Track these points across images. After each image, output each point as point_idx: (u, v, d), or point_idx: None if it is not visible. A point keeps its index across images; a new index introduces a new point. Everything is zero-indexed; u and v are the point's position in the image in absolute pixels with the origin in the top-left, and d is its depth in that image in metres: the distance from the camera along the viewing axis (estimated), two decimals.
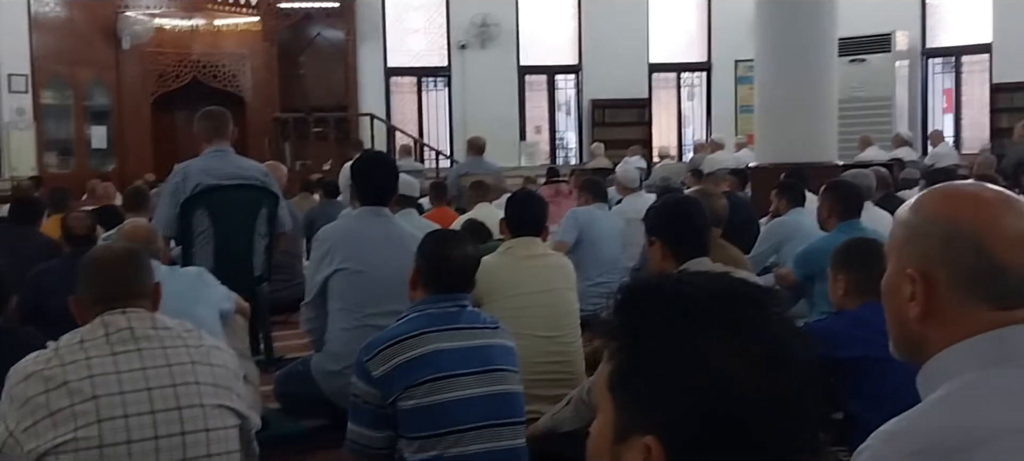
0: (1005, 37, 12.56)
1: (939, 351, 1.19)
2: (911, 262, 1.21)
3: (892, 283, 1.25)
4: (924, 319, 1.20)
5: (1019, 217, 1.19)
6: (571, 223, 5.38)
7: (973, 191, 1.25)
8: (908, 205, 1.28)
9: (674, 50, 14.77)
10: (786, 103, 8.09)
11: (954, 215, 1.20)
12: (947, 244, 1.18)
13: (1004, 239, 1.17)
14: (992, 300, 1.17)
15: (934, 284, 1.19)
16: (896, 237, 1.26)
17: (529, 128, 14.53)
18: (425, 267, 2.72)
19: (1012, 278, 1.17)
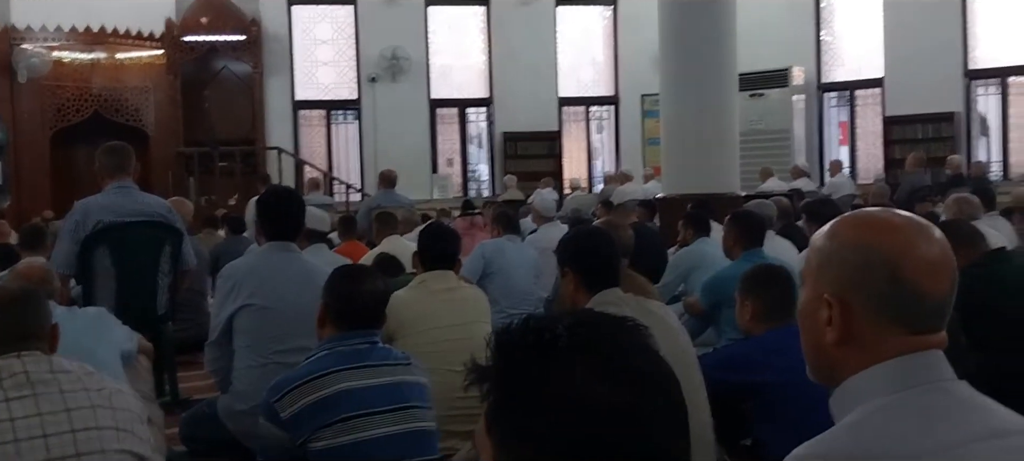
0: (896, 72, 13.15)
1: (854, 375, 1.20)
2: (828, 287, 1.22)
3: (809, 308, 1.26)
4: (840, 344, 1.21)
5: (931, 243, 1.21)
6: (476, 258, 5.37)
7: (887, 217, 1.26)
8: (823, 231, 1.29)
9: (583, 84, 15.02)
10: (691, 136, 8.29)
11: (869, 241, 1.21)
12: (863, 270, 1.20)
13: (918, 265, 1.19)
14: (906, 325, 1.19)
15: (851, 309, 1.20)
16: (812, 262, 1.27)
17: (441, 161, 14.53)
18: (333, 304, 2.68)
19: (925, 303, 1.19)
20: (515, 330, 0.96)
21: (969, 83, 12.91)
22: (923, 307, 1.19)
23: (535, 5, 14.27)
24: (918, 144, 12.53)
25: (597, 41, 15.07)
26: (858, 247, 1.21)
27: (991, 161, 12.75)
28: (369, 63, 13.86)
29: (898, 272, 1.18)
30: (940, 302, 1.20)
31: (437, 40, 14.44)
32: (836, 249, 1.24)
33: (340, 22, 14.15)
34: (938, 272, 1.20)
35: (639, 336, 0.95)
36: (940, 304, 1.20)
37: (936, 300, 1.20)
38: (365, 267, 3.69)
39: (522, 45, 14.11)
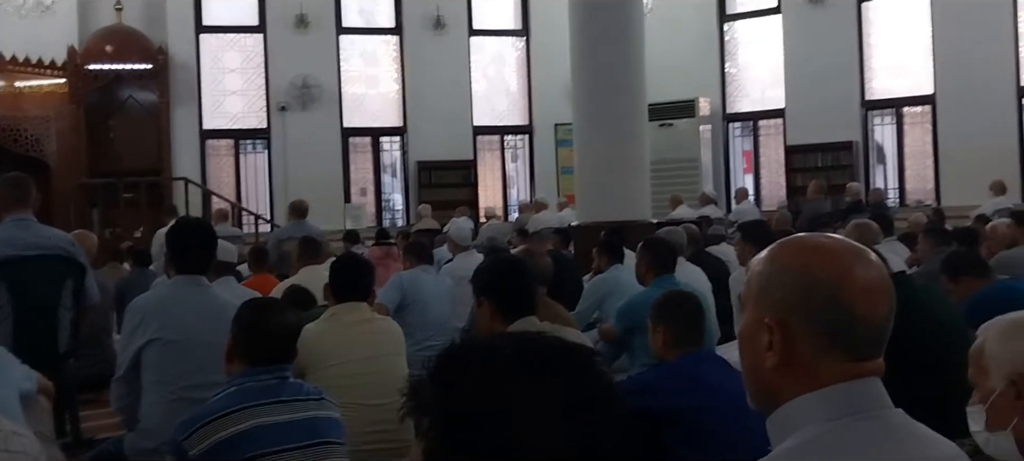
0: (796, 103, 13.62)
1: (792, 400, 1.19)
2: (769, 311, 1.21)
3: (749, 332, 1.24)
4: (780, 368, 1.19)
5: (868, 267, 1.22)
6: (394, 287, 5.34)
7: (827, 242, 1.26)
8: (763, 256, 1.28)
9: (497, 113, 15.11)
10: (603, 165, 8.43)
11: (811, 265, 1.20)
12: (805, 294, 1.19)
13: (857, 289, 1.19)
14: (846, 350, 1.18)
15: (791, 333, 1.19)
16: (752, 287, 1.25)
17: (354, 190, 14.40)
18: (242, 338, 2.63)
19: (864, 329, 1.19)
20: (459, 353, 0.93)
21: (866, 113, 13.45)
22: (862, 332, 1.19)
23: (448, 35, 14.32)
24: (818, 172, 12.98)
25: (511, 71, 15.20)
26: (799, 271, 1.21)
27: (888, 188, 13.26)
28: (279, 92, 13.68)
29: (839, 296, 1.18)
30: (879, 327, 1.21)
31: (349, 68, 14.34)
32: (777, 273, 1.23)
33: (249, 50, 13.95)
34: (877, 296, 1.21)
35: (594, 363, 0.93)
36: (879, 329, 1.21)
37: (875, 325, 1.20)
38: (275, 300, 3.63)
39: (436, 74, 14.13)
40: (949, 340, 3.39)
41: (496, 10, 15.09)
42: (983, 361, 1.85)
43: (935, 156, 12.94)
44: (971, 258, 4.43)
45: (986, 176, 11.12)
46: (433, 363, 0.93)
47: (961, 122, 12.36)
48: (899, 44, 13.31)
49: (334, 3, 13.59)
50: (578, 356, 0.93)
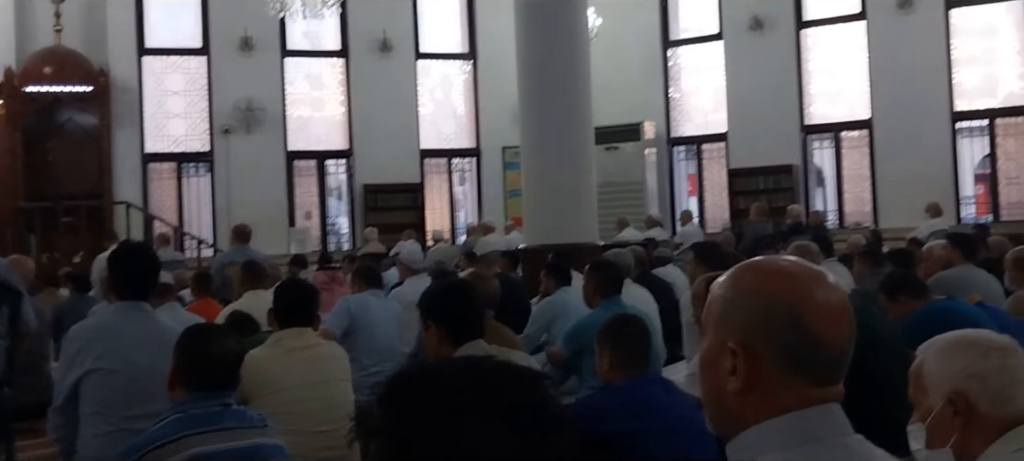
0: (738, 127, 13.87)
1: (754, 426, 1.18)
2: (732, 335, 1.19)
3: (711, 356, 1.22)
4: (743, 393, 1.18)
5: (830, 291, 1.21)
6: (342, 311, 5.28)
7: (787, 265, 1.26)
8: (725, 279, 1.27)
9: (444, 136, 15.10)
10: (551, 188, 8.47)
11: (774, 289, 1.20)
12: (769, 317, 1.18)
13: (820, 313, 1.18)
14: (809, 375, 1.17)
15: (756, 357, 1.17)
16: (714, 311, 1.24)
17: (299, 214, 14.25)
18: (184, 365, 2.59)
19: (827, 352, 1.18)
20: (407, 379, 0.92)
21: (805, 137, 13.73)
22: (825, 356, 1.18)
23: (395, 58, 14.30)
24: (760, 195, 13.19)
25: (458, 94, 15.23)
26: (763, 294, 1.20)
27: (827, 210, 13.54)
28: (222, 114, 13.53)
29: (803, 320, 1.17)
30: (841, 351, 1.20)
31: (294, 91, 14.24)
32: (740, 297, 1.22)
33: (193, 73, 13.78)
34: (839, 320, 1.20)
35: (542, 386, 0.93)
36: (841, 353, 1.20)
37: (837, 349, 1.19)
38: (217, 326, 3.58)
39: (382, 97, 14.09)
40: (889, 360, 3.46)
41: (443, 33, 15.12)
42: (922, 380, 1.89)
43: (872, 179, 13.26)
44: (908, 279, 4.53)
45: (922, 199, 11.43)
46: (381, 388, 0.92)
47: (897, 146, 12.70)
48: (837, 70, 13.64)
49: (279, 26, 13.50)
50: (525, 379, 0.93)
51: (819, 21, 13.62)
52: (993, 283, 5.39)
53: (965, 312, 4.01)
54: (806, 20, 13.66)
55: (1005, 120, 12.67)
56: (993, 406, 1.79)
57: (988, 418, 1.79)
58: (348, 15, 13.69)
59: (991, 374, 1.81)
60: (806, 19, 13.66)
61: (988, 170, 12.89)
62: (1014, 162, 12.68)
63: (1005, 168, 12.72)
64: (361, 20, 14.06)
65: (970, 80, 12.82)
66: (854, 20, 13.35)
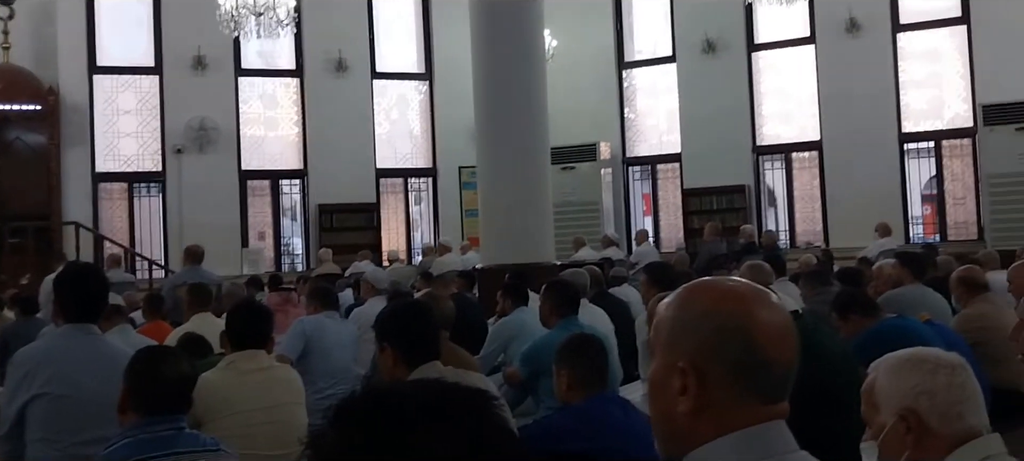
0: (692, 148, 14.03)
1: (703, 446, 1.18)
2: (682, 356, 1.20)
3: (661, 378, 1.23)
4: (694, 414, 1.19)
5: (774, 311, 1.23)
6: (297, 334, 5.22)
7: (735, 286, 1.27)
8: (672, 301, 1.27)
9: (401, 156, 15.06)
10: (507, 207, 8.49)
11: (723, 309, 1.21)
12: (718, 338, 1.19)
13: (766, 332, 1.20)
14: (758, 393, 1.19)
15: (705, 377, 1.18)
16: (663, 332, 1.25)
17: (252, 234, 14.10)
18: (135, 388, 2.54)
19: (776, 371, 1.21)
20: (359, 402, 0.92)
21: (757, 158, 13.93)
22: (773, 375, 1.20)
23: (350, 77, 14.26)
24: (714, 214, 13.34)
25: (414, 113, 15.20)
26: (712, 315, 1.21)
27: (779, 230, 13.72)
28: (175, 134, 13.36)
29: (751, 340, 1.19)
30: (787, 369, 1.22)
31: (248, 110, 14.13)
32: (689, 318, 1.23)
33: (145, 92, 13.60)
34: (785, 340, 1.22)
35: (492, 408, 0.93)
36: (787, 371, 1.22)
37: (784, 367, 1.22)
38: (169, 348, 3.52)
39: (337, 116, 14.02)
40: (842, 378, 3.51)
41: (399, 53, 15.12)
42: (874, 397, 1.92)
43: (823, 199, 13.48)
44: (860, 297, 4.60)
45: (871, 219, 11.65)
46: (331, 412, 0.92)
47: (846, 167, 12.94)
48: (787, 92, 13.88)
49: (233, 45, 13.39)
50: (476, 402, 0.93)
51: (770, 44, 13.86)
52: (941, 302, 5.50)
53: (915, 330, 4.08)
54: (757, 43, 13.89)
55: (951, 142, 12.97)
56: (943, 423, 1.82)
57: (939, 435, 1.82)
58: (303, 34, 13.63)
59: (940, 391, 1.84)
60: (757, 42, 13.89)
61: (935, 191, 13.17)
62: (960, 183, 12.98)
63: (952, 189, 13.02)
64: (316, 39, 14.01)
65: (917, 102, 13.12)
66: (804, 43, 13.61)
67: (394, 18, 15.13)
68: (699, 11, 13.78)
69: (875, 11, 12.92)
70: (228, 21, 10.58)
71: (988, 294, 5.01)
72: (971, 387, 1.87)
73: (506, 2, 8.66)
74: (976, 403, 1.86)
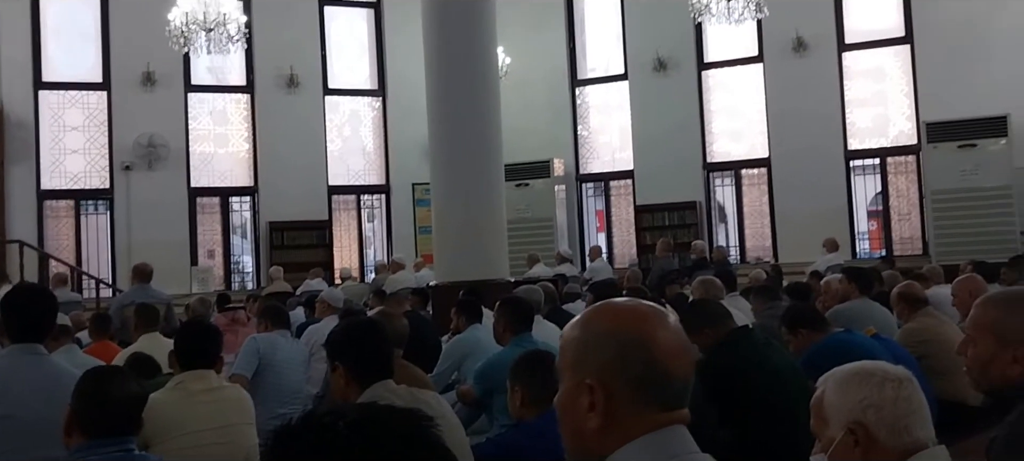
0: (644, 165, 14.17)
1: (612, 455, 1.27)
2: (589, 374, 1.29)
3: (569, 397, 1.31)
4: (603, 429, 1.27)
5: (670, 328, 1.33)
6: (251, 352, 5.12)
7: (634, 306, 1.36)
8: (576, 323, 1.37)
9: (353, 172, 14.98)
10: (461, 224, 8.47)
11: (624, 328, 1.30)
12: (622, 354, 1.28)
13: (665, 349, 1.30)
14: (659, 403, 1.28)
15: (612, 393, 1.27)
16: (569, 353, 1.34)
17: (202, 252, 13.91)
18: (82, 409, 2.48)
19: (674, 383, 1.30)
20: (296, 427, 0.93)
21: (708, 175, 14.10)
22: (672, 386, 1.29)
23: (302, 93, 14.17)
24: (666, 230, 13.49)
25: (367, 130, 15.13)
26: (615, 333, 1.30)
27: (730, 245, 13.90)
28: (123, 151, 13.15)
29: (651, 355, 1.28)
30: (685, 381, 1.32)
31: (198, 127, 13.97)
32: (593, 337, 1.32)
33: (92, 108, 13.38)
34: (681, 354, 1.32)
35: (426, 430, 0.94)
36: (686, 382, 1.32)
37: (682, 379, 1.31)
38: (118, 368, 3.44)
39: (289, 133, 13.92)
40: (791, 391, 3.56)
41: (351, 69, 15.06)
42: (823, 411, 1.94)
43: (772, 215, 13.68)
44: (808, 312, 4.67)
45: (818, 234, 11.85)
46: (272, 437, 0.94)
47: (794, 183, 13.16)
48: (737, 110, 14.08)
49: (183, 61, 13.24)
50: (413, 424, 0.94)
51: (719, 63, 14.07)
52: (887, 316, 5.60)
53: (862, 344, 4.15)
54: (707, 61, 14.09)
55: (895, 159, 13.26)
56: (891, 435, 1.85)
57: (887, 447, 1.85)
58: (254, 50, 13.51)
59: (887, 404, 1.87)
60: (707, 61, 14.09)
61: (881, 207, 13.44)
62: (905, 199, 13.26)
63: (897, 205, 13.30)
64: (267, 55, 13.91)
65: (862, 120, 13.39)
66: (752, 62, 13.83)
67: (346, 34, 15.08)
68: (650, 30, 13.95)
69: (821, 31, 13.18)
70: (178, 37, 10.45)
71: (929, 308, 5.12)
72: (917, 400, 1.90)
73: (459, 19, 8.67)
74: (923, 416, 1.89)
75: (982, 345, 2.11)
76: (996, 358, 2.08)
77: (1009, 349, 2.06)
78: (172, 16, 10.49)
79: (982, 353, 2.11)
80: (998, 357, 2.08)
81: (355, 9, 15.18)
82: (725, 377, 3.54)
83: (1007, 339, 2.07)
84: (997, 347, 2.08)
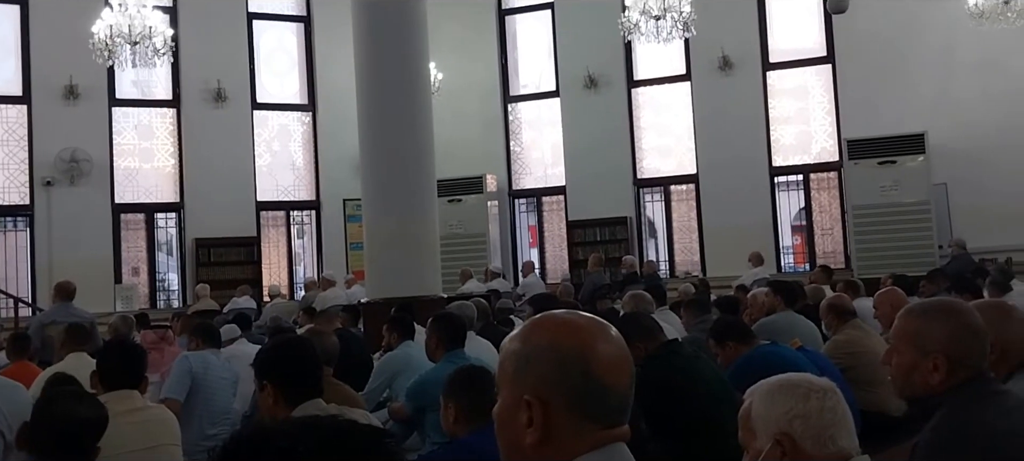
0: (576, 181, 14.29)
1: None
2: (527, 389, 1.26)
3: (508, 413, 1.29)
4: (541, 444, 1.24)
5: (610, 341, 1.31)
6: (183, 372, 4.96)
7: (573, 319, 1.34)
8: (516, 335, 1.34)
9: (282, 188, 14.77)
10: (393, 240, 8.40)
11: (562, 342, 1.28)
12: (560, 369, 1.26)
13: (603, 362, 1.27)
14: (598, 419, 1.26)
15: (550, 408, 1.25)
16: (507, 368, 1.31)
17: (126, 270, 13.56)
18: (33, 427, 2.42)
19: (614, 398, 1.28)
20: (245, 442, 0.90)
21: (638, 190, 14.28)
22: (613, 402, 1.27)
23: (229, 108, 13.94)
24: (598, 245, 13.62)
25: (297, 145, 14.96)
26: (552, 347, 1.27)
27: (659, 260, 14.09)
28: (44, 166, 12.77)
29: (589, 369, 1.26)
30: (625, 396, 1.29)
31: (122, 141, 13.65)
32: (531, 352, 1.29)
33: (11, 122, 12.98)
34: (621, 368, 1.29)
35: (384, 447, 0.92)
36: (625, 398, 1.30)
37: (622, 394, 1.29)
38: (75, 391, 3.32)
39: (216, 148, 13.68)
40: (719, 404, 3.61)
41: (281, 83, 14.88)
42: (751, 423, 1.97)
43: (700, 230, 13.91)
44: (736, 324, 4.75)
45: (745, 248, 12.08)
46: (218, 454, 0.90)
47: (721, 199, 13.42)
48: (665, 127, 14.30)
49: (107, 74, 12.93)
50: (366, 437, 0.92)
51: (648, 81, 14.29)
52: (811, 328, 5.73)
53: (787, 356, 4.24)
54: (637, 79, 14.29)
55: (818, 175, 13.60)
56: (816, 446, 1.89)
57: (812, 457, 1.89)
58: (181, 64, 13.27)
59: (813, 415, 1.91)
60: (637, 78, 14.29)
61: (804, 222, 13.77)
62: (827, 214, 13.61)
63: (819, 220, 13.63)
64: (194, 69, 13.67)
65: (786, 137, 13.72)
66: (680, 80, 14.08)
67: (276, 48, 14.91)
68: (581, 48, 14.10)
69: (746, 50, 13.49)
70: (102, 50, 10.21)
71: (857, 320, 5.24)
72: (842, 411, 1.94)
73: (391, 34, 8.63)
74: (847, 426, 1.93)
75: (905, 354, 2.20)
76: (917, 366, 2.17)
77: (929, 358, 2.15)
78: (96, 29, 10.25)
79: (904, 362, 2.20)
80: (919, 365, 2.16)
81: (285, 23, 15.02)
82: (655, 391, 3.58)
83: (927, 348, 2.15)
84: (918, 356, 2.16)
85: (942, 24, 12.44)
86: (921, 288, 7.59)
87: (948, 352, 2.13)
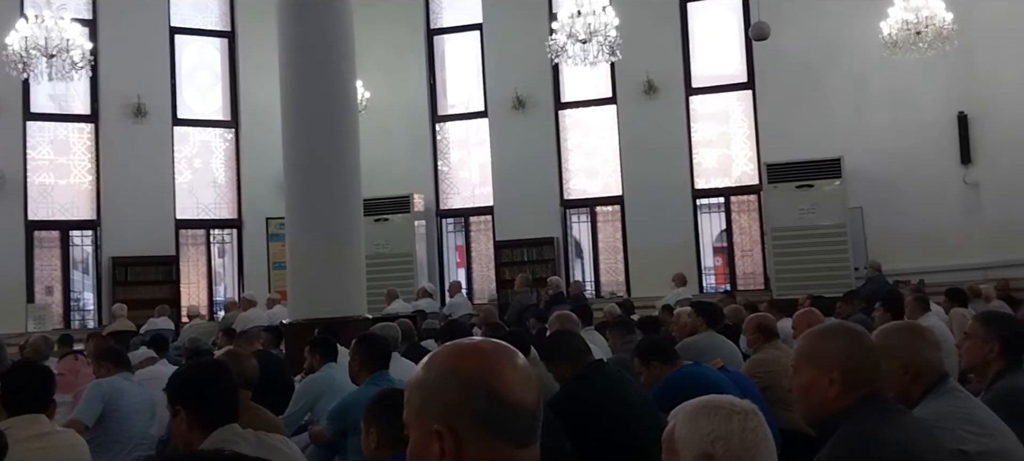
0: (503, 201, 14.31)
1: None
2: (435, 419, 1.27)
3: (420, 446, 1.29)
4: None
5: (515, 361, 1.33)
6: (95, 398, 4.79)
7: (475, 345, 1.36)
8: (419, 367, 1.35)
9: (203, 206, 14.46)
10: (317, 260, 8.28)
11: (464, 367, 1.29)
12: (463, 393, 1.27)
13: (507, 382, 1.29)
14: (509, 439, 1.27)
15: (460, 434, 1.26)
16: (415, 401, 1.32)
17: (39, 288, 13.10)
18: None
19: (520, 417, 1.29)
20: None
21: (565, 211, 14.37)
22: (519, 420, 1.29)
23: (149, 123, 13.62)
24: (525, 266, 13.65)
25: (218, 162, 14.66)
26: (454, 373, 1.29)
27: (585, 280, 14.17)
28: None
29: (493, 391, 1.27)
30: (533, 414, 1.31)
31: (37, 156, 13.23)
32: (435, 381, 1.30)
33: None
34: (526, 386, 1.31)
35: None
36: (534, 416, 1.31)
37: (530, 412, 1.30)
38: None
39: (134, 164, 13.34)
40: (643, 424, 3.63)
41: (203, 99, 14.60)
42: (674, 444, 1.98)
43: (625, 251, 14.05)
44: (660, 344, 4.79)
45: (668, 269, 12.25)
46: None
47: (645, 220, 13.59)
48: (592, 148, 14.45)
49: (22, 87, 12.51)
50: None
51: (575, 103, 14.42)
52: (732, 348, 5.82)
53: (710, 377, 4.29)
54: (564, 101, 14.41)
55: (739, 198, 13.89)
56: None
57: None
58: (99, 78, 12.93)
59: (734, 436, 1.93)
60: (564, 100, 14.42)
61: (725, 243, 14.03)
62: (747, 236, 13.89)
63: (740, 241, 13.91)
64: (113, 83, 13.33)
65: (708, 160, 13.99)
66: (606, 103, 14.25)
67: (198, 63, 14.63)
68: (509, 69, 14.17)
69: (670, 75, 13.73)
70: (17, 62, 9.89)
71: (778, 340, 5.34)
72: (763, 432, 1.96)
73: (317, 50, 8.54)
74: (768, 447, 1.95)
75: (803, 373, 2.29)
76: (814, 383, 2.25)
77: (825, 373, 2.23)
78: (10, 40, 9.94)
79: (803, 381, 2.28)
80: (816, 382, 2.24)
81: (207, 38, 14.74)
82: (580, 411, 3.58)
83: (823, 364, 2.24)
84: (816, 372, 2.25)
85: (857, 53, 12.85)
86: (837, 309, 7.79)
87: (843, 368, 2.21)
